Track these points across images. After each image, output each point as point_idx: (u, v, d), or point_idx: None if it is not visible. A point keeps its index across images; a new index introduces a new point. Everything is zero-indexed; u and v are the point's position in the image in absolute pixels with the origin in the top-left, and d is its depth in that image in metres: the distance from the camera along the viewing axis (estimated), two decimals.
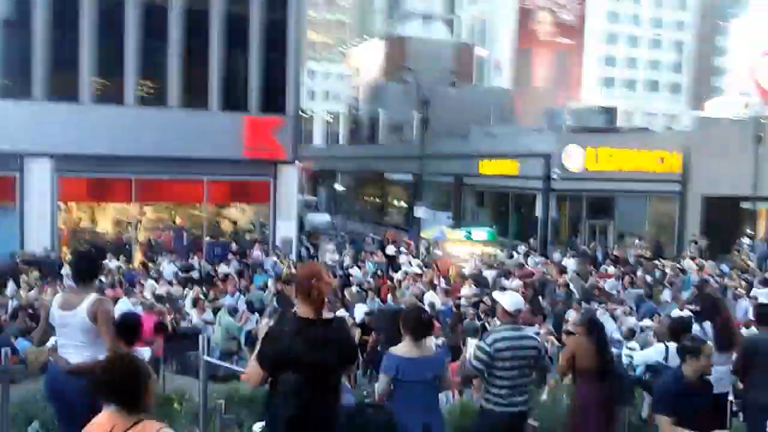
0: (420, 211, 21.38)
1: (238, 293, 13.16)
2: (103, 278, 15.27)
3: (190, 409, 6.16)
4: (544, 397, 7.03)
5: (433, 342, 4.53)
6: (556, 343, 10.58)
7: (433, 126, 28.32)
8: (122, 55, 18.81)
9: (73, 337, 3.66)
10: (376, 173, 37.43)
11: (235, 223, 23.21)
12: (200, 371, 4.22)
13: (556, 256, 19.42)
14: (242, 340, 11.99)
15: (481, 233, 20.86)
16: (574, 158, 23.63)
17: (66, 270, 16.49)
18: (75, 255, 4.17)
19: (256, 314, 12.37)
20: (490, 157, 26.72)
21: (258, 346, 3.21)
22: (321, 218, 33.44)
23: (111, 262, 17.12)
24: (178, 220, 21.54)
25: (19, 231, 17.98)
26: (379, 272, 16.45)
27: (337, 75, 76.06)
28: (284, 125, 20.60)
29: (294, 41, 21.11)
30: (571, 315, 11.32)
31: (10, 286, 14.71)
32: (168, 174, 19.33)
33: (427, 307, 12.38)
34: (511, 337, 4.59)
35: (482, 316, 11.60)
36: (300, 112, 22.19)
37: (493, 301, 6.36)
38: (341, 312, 12.29)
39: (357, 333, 11.05)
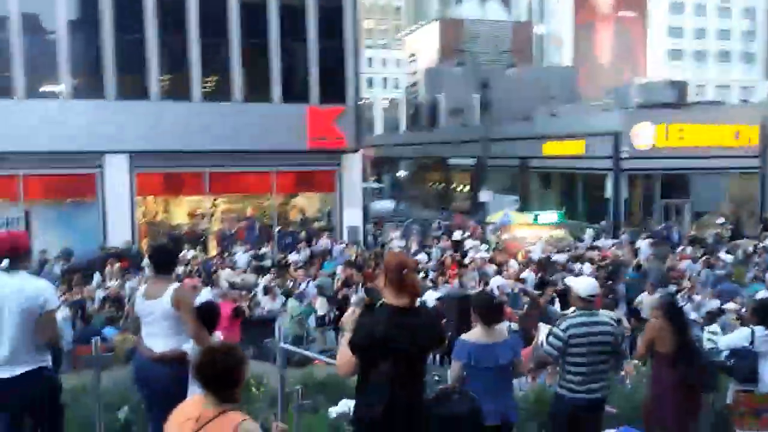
0: (484, 196, 21.18)
1: (308, 280, 13.47)
2: (181, 268, 15.98)
3: (268, 393, 6.29)
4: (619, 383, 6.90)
5: (505, 328, 4.52)
6: (629, 328, 10.35)
7: (494, 108, 27.92)
8: (186, 52, 19.39)
9: (158, 326, 3.84)
10: (439, 159, 37.29)
11: (303, 212, 23.70)
12: (277, 357, 4.29)
13: (625, 237, 18.89)
14: (311, 324, 12.30)
15: (549, 216, 20.46)
16: (644, 135, 22.81)
17: (146, 261, 17.33)
18: (152, 248, 4.33)
19: (324, 299, 12.69)
20: (555, 137, 26.14)
21: (347, 336, 3.27)
22: (385, 205, 33.61)
23: (188, 253, 17.87)
24: (249, 211, 22.15)
25: (101, 225, 18.93)
26: (448, 257, 16.41)
27: (395, 61, 75.95)
28: (345, 114, 20.80)
29: (351, 29, 21.20)
30: (645, 299, 11.05)
31: (96, 277, 15.54)
32: (238, 166, 19.86)
33: (495, 292, 12.37)
34: (585, 323, 4.52)
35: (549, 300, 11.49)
36: (360, 101, 22.31)
37: (565, 287, 6.26)
38: None
39: None
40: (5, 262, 3.59)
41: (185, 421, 2.45)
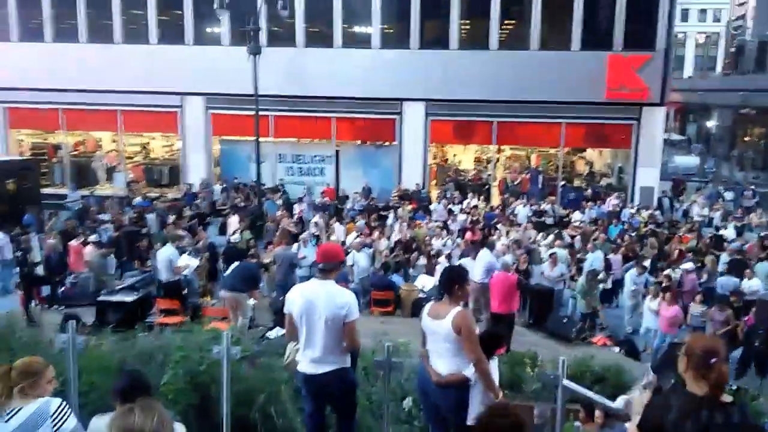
0: None
1: (595, 249, 12.66)
2: (463, 217, 16.54)
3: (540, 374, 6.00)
4: None
5: None
6: None
7: None
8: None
9: (440, 345, 3.97)
10: (764, 109, 31.76)
11: (591, 166, 22.47)
12: (558, 395, 3.79)
13: None
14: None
15: None
16: None
17: (434, 206, 18.33)
18: (443, 271, 4.49)
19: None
20: None
21: (635, 419, 3.01)
22: (689, 162, 30.02)
23: (472, 201, 18.42)
24: (533, 161, 21.78)
25: (397, 167, 20.47)
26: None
27: None
28: (652, 62, 18.74)
29: None
30: None
31: (390, 218, 16.94)
32: (527, 117, 19.49)
33: None
34: None
35: None
36: (670, 46, 19.76)
37: None
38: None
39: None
40: (321, 265, 4.06)
41: None
